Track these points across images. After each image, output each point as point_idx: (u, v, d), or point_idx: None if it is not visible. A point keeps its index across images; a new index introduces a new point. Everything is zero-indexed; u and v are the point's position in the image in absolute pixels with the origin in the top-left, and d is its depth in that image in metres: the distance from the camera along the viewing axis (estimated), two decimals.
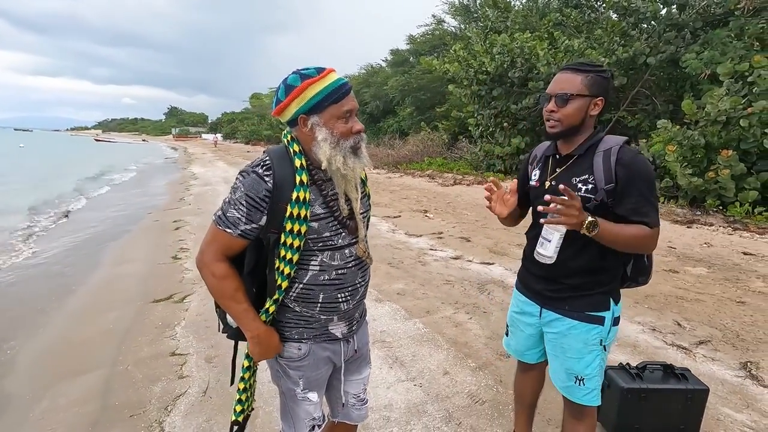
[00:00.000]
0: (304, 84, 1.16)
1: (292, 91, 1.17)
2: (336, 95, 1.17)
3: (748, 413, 2.34)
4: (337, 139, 1.19)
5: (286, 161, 1.21)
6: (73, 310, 4.08)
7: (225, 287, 1.22)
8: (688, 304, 3.80)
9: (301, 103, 1.17)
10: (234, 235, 1.20)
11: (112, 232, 7.40)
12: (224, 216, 1.20)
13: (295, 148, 1.22)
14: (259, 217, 1.19)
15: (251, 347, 1.28)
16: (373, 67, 27.15)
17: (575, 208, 1.31)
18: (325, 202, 1.23)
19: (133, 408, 2.48)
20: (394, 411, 2.36)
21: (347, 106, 1.19)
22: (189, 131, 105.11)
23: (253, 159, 1.25)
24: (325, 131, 1.18)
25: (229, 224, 1.19)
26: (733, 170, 6.76)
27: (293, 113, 1.19)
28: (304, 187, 1.18)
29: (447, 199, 9.61)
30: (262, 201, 1.18)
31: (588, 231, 1.33)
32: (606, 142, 1.46)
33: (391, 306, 3.79)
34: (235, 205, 1.19)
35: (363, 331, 1.46)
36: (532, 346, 1.73)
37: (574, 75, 1.43)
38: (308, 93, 1.16)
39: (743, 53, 7.54)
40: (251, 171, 1.19)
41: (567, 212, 1.31)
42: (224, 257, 1.22)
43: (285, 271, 1.21)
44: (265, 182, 1.18)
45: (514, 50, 11.35)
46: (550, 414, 2.29)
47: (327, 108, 1.18)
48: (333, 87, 1.17)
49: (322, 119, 1.18)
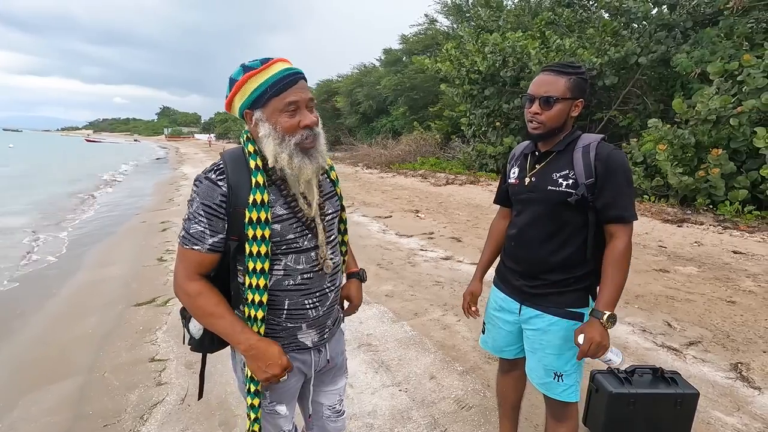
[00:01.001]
0: (244, 77, 1.08)
1: (234, 85, 1.10)
2: (277, 86, 1.08)
3: (739, 416, 2.30)
4: (281, 134, 1.10)
5: (241, 163, 1.13)
6: (51, 314, 3.96)
7: (202, 304, 1.13)
8: (679, 304, 3.77)
9: (243, 97, 1.10)
10: (203, 251, 1.12)
11: (98, 234, 7.27)
12: (188, 234, 1.12)
13: (250, 149, 1.14)
14: (222, 226, 1.12)
15: (250, 365, 1.15)
16: (366, 67, 27.03)
17: (596, 344, 1.36)
18: (287, 203, 1.15)
19: (108, 417, 2.39)
20: (377, 418, 2.29)
21: (291, 97, 1.09)
22: (182, 131, 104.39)
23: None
24: (267, 126, 1.10)
25: (195, 241, 1.12)
26: (723, 169, 6.77)
27: (238, 109, 1.12)
28: (261, 189, 1.10)
29: (439, 199, 9.56)
30: (219, 207, 1.10)
31: (613, 324, 1.39)
32: (584, 139, 1.48)
33: (378, 308, 3.72)
34: (195, 218, 1.11)
35: (337, 340, 1.39)
36: (512, 342, 1.70)
37: (557, 77, 1.44)
38: (249, 86, 1.09)
39: (733, 52, 7.56)
40: (204, 178, 1.12)
41: (598, 350, 1.38)
42: (197, 276, 1.14)
43: (260, 284, 1.12)
44: (218, 187, 1.10)
45: (505, 49, 11.32)
46: (537, 420, 2.23)
47: (269, 101, 1.09)
48: (275, 78, 1.08)
49: (265, 114, 1.10)
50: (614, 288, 1.40)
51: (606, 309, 1.38)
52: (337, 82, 28.33)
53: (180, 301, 1.17)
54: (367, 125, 24.22)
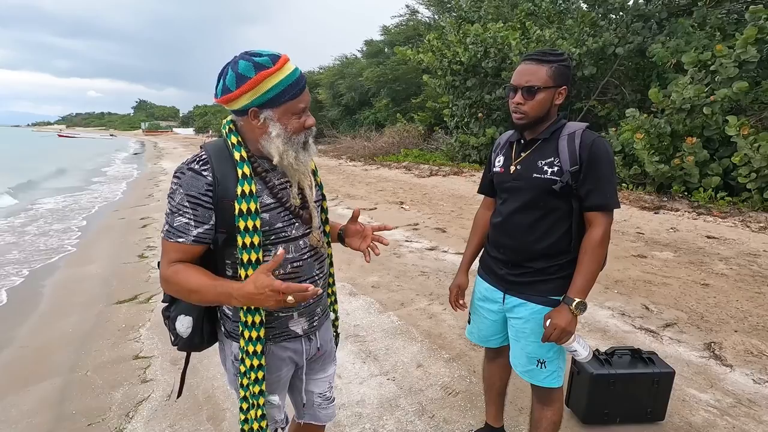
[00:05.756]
0: (259, 76, 1.05)
1: (245, 82, 1.05)
2: (293, 91, 1.09)
3: (712, 393, 2.40)
4: (290, 135, 1.12)
5: (224, 155, 1.12)
6: (28, 315, 3.85)
7: (182, 278, 1.07)
8: (656, 287, 3.90)
9: (254, 96, 1.06)
10: (188, 242, 1.09)
11: (75, 231, 7.07)
12: (172, 227, 1.09)
13: (233, 140, 1.13)
14: (209, 216, 1.10)
15: (258, 304, 1.03)
16: (348, 59, 26.74)
17: (560, 330, 1.41)
18: (272, 193, 1.15)
19: (92, 416, 2.35)
20: (366, 407, 2.31)
21: (304, 102, 1.12)
22: (159, 125, 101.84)
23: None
24: (279, 127, 1.10)
25: (179, 233, 1.09)
26: (697, 157, 6.97)
27: (243, 105, 1.09)
28: (248, 180, 1.10)
29: (423, 190, 9.59)
30: (205, 196, 1.08)
31: (582, 311, 1.43)
32: (569, 127, 1.49)
33: (365, 299, 3.74)
34: (179, 211, 1.09)
35: (326, 328, 1.40)
36: (497, 331, 1.72)
37: (539, 66, 1.43)
38: (263, 86, 1.06)
39: (706, 43, 7.75)
40: (186, 169, 1.10)
41: (561, 336, 1.42)
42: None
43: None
44: (203, 177, 1.09)
45: (487, 40, 11.35)
46: (522, 403, 2.29)
47: (283, 104, 1.09)
48: (290, 81, 1.08)
49: (276, 114, 1.09)
50: (587, 276, 1.42)
51: (577, 296, 1.41)
52: (318, 74, 27.96)
53: (167, 291, 1.14)
54: (349, 117, 24.02)
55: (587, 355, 1.52)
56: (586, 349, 1.52)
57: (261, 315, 1.15)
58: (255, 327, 1.15)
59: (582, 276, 1.43)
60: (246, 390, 1.18)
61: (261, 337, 1.16)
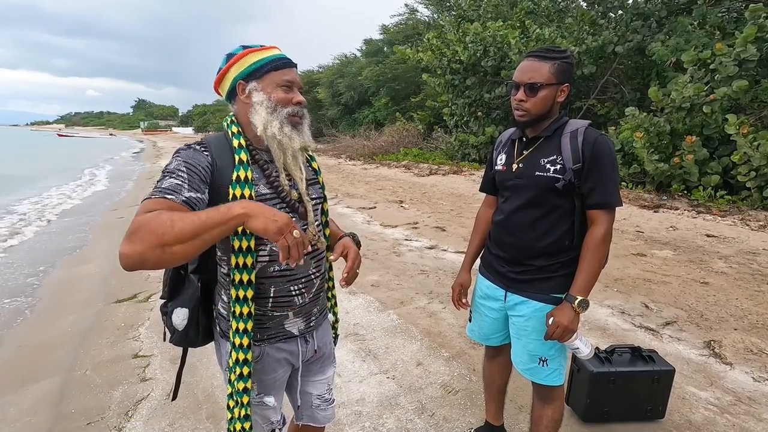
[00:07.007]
0: (245, 51, 1.14)
1: (232, 58, 1.14)
2: (277, 63, 1.14)
3: (712, 390, 2.40)
4: (274, 104, 1.13)
5: (224, 145, 1.13)
6: (26, 314, 3.85)
7: (160, 220, 0.86)
8: (655, 286, 3.90)
9: (240, 68, 1.13)
10: (177, 201, 0.95)
11: (73, 231, 7.06)
12: (161, 187, 0.97)
13: (234, 129, 1.15)
14: (204, 188, 1.03)
15: (255, 225, 0.91)
16: (347, 58, 26.70)
17: (563, 328, 1.41)
18: (270, 183, 1.14)
19: (91, 415, 2.34)
20: (366, 405, 2.31)
21: (289, 75, 1.15)
22: (158, 124, 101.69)
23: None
24: (262, 95, 1.13)
25: (168, 191, 0.96)
26: (696, 155, 6.97)
27: (231, 80, 1.14)
28: (245, 166, 1.10)
29: (423, 189, 9.59)
30: (204, 170, 1.06)
31: (584, 309, 1.42)
32: (572, 124, 1.48)
33: (365, 298, 3.73)
34: (174, 173, 1.01)
35: (324, 330, 1.38)
36: (498, 329, 1.71)
37: (541, 63, 1.42)
38: (248, 59, 1.13)
39: (706, 41, 7.75)
40: (186, 147, 1.11)
41: (564, 333, 1.42)
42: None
43: (248, 263, 1.09)
44: (204, 155, 1.09)
45: (486, 39, 11.34)
46: (522, 401, 2.29)
47: (267, 74, 1.13)
48: (275, 56, 1.15)
49: (260, 84, 1.14)
50: (589, 274, 1.42)
51: (579, 294, 1.41)
52: (317, 73, 27.91)
53: (140, 243, 0.84)
54: (349, 116, 23.99)
55: (589, 353, 1.52)
56: (588, 346, 1.52)
57: (249, 306, 1.11)
58: (243, 318, 1.11)
59: (584, 274, 1.42)
60: (232, 386, 1.15)
61: (249, 330, 1.12)
